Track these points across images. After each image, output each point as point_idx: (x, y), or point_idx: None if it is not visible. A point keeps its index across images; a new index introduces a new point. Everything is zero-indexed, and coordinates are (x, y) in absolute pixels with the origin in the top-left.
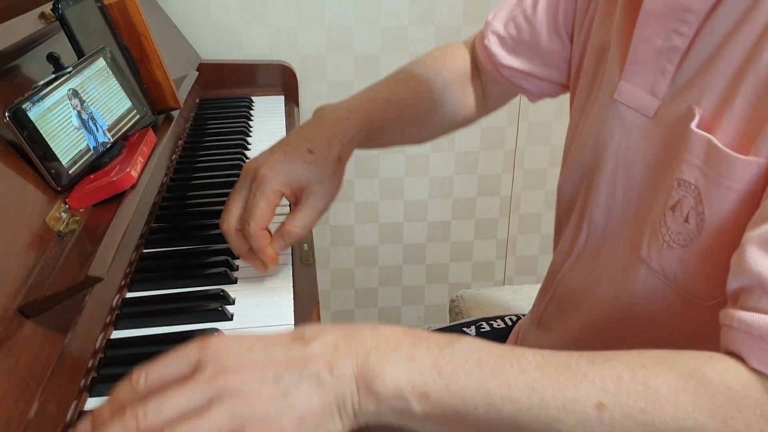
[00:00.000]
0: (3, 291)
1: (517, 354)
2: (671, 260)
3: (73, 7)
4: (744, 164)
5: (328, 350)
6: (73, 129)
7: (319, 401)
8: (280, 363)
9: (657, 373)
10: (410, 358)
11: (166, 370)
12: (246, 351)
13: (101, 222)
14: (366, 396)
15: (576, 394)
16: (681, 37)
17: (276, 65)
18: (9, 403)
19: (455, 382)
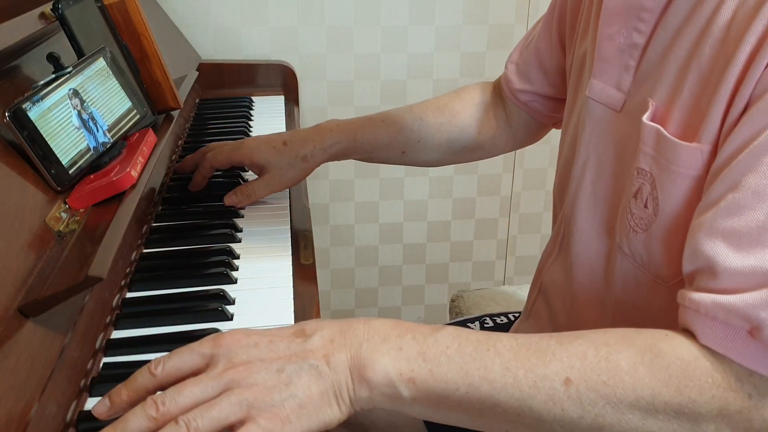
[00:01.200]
0: (3, 291)
1: (493, 339)
2: (637, 244)
3: (73, 7)
4: (689, 151)
5: (326, 344)
6: (74, 129)
7: (317, 389)
8: (283, 356)
9: (618, 349)
10: (398, 347)
11: (182, 361)
12: (253, 347)
13: (101, 222)
14: (359, 384)
15: (546, 371)
16: (640, 34)
17: (276, 65)
18: (9, 403)
19: (438, 367)
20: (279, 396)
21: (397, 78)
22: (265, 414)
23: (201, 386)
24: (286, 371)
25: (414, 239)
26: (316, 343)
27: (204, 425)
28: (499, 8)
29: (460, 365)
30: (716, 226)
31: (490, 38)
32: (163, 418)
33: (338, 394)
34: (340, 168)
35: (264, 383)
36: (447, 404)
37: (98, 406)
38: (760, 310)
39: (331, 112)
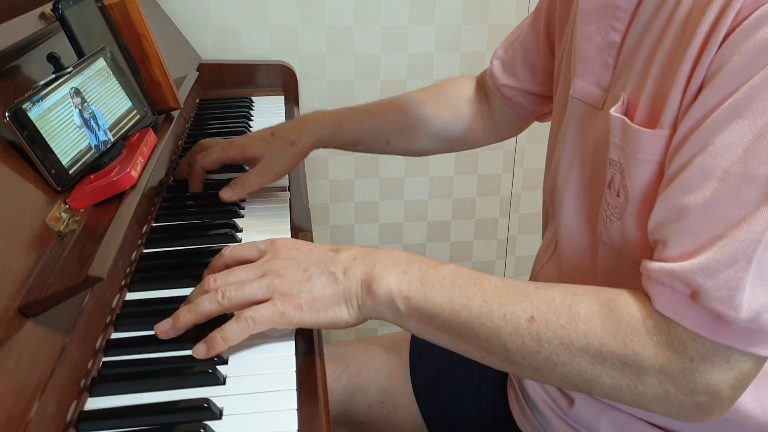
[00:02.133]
0: (3, 291)
1: (484, 278)
2: (614, 232)
3: (73, 8)
4: (651, 137)
5: (349, 259)
6: (75, 128)
7: (330, 291)
8: (313, 261)
9: (582, 299)
10: (404, 271)
11: (243, 250)
12: (295, 250)
13: (101, 222)
14: (367, 294)
15: (516, 308)
16: (616, 32)
17: (276, 65)
18: (9, 403)
19: (431, 291)
20: (298, 288)
21: (397, 78)
22: (282, 299)
23: (246, 270)
24: (309, 271)
25: (414, 239)
26: (342, 258)
27: (235, 296)
28: (499, 8)
29: (449, 292)
30: (670, 203)
31: (490, 38)
32: (211, 290)
33: (348, 299)
34: (340, 168)
35: (290, 276)
36: (434, 324)
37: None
38: (696, 275)
39: None
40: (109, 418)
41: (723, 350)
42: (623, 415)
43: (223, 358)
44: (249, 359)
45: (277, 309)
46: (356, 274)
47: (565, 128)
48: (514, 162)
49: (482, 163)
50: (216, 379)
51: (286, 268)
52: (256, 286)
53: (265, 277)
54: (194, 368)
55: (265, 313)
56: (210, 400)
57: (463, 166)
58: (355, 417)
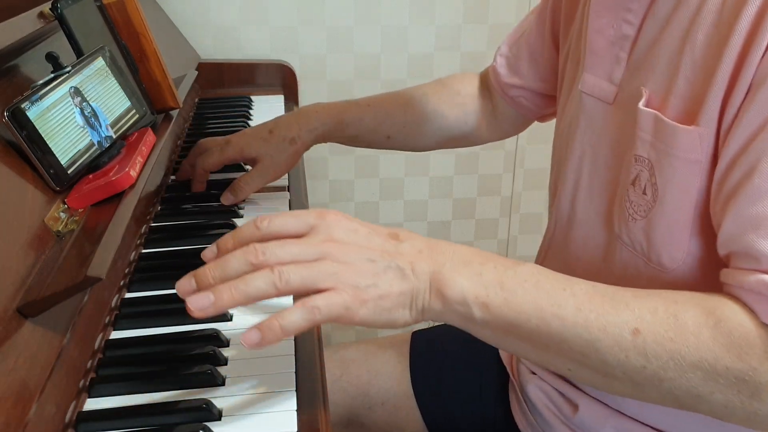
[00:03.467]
0: (2, 291)
1: (572, 282)
2: (636, 232)
3: (72, 7)
4: (686, 133)
5: (414, 252)
6: (76, 126)
7: (398, 288)
8: (377, 249)
9: (686, 308)
10: (478, 273)
11: (286, 222)
12: (353, 232)
13: (100, 222)
14: (435, 296)
15: (616, 319)
16: (629, 25)
17: (276, 65)
18: (8, 404)
19: (513, 297)
20: (365, 281)
21: (397, 78)
22: (349, 290)
23: (300, 247)
24: (376, 263)
25: None
26: (407, 249)
27: (294, 279)
28: (499, 8)
29: (535, 299)
30: (742, 214)
31: (490, 38)
32: (260, 265)
33: (414, 300)
34: (340, 168)
35: (355, 265)
36: (516, 333)
37: (207, 252)
38: None
39: None
40: (108, 418)
41: None
42: (629, 421)
43: (222, 358)
44: (248, 360)
45: (344, 302)
46: (425, 272)
47: (574, 124)
48: (515, 162)
49: (483, 163)
50: (215, 379)
51: (349, 254)
52: (318, 271)
53: (324, 261)
54: (194, 369)
55: (332, 304)
56: (209, 401)
57: (463, 166)
58: (356, 419)
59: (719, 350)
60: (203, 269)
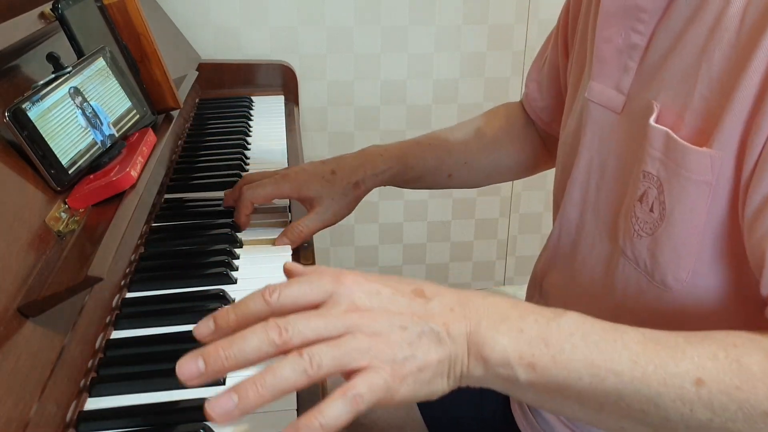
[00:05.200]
0: (3, 291)
1: (620, 330)
2: (641, 249)
3: (72, 7)
4: (699, 155)
5: (446, 311)
6: (77, 126)
7: (436, 356)
8: (406, 313)
9: (748, 351)
10: (519, 329)
11: (301, 292)
12: (375, 294)
13: (101, 222)
14: (475, 360)
15: (677, 369)
16: (639, 35)
17: (276, 65)
18: (9, 403)
19: (561, 354)
20: (402, 353)
21: (398, 78)
22: (386, 367)
23: (325, 321)
24: (409, 330)
25: (414, 239)
26: (437, 308)
27: (327, 364)
28: (499, 8)
29: (585, 354)
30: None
31: (490, 38)
32: (285, 345)
33: (452, 366)
34: None
35: (388, 336)
36: (565, 394)
37: (201, 328)
38: None
39: (331, 111)
40: (108, 418)
41: None
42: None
43: None
44: None
45: (384, 382)
46: (460, 333)
47: (581, 132)
48: None
49: None
50: (215, 379)
51: (378, 323)
52: (349, 349)
53: (355, 336)
54: None
55: (375, 387)
56: None
57: None
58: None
59: None
60: (213, 349)
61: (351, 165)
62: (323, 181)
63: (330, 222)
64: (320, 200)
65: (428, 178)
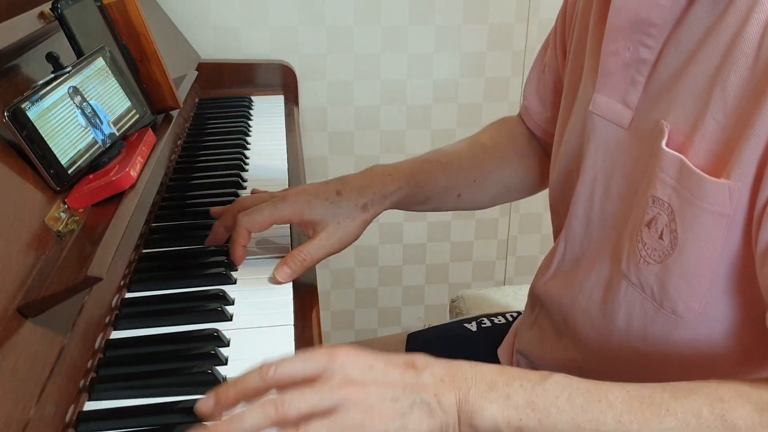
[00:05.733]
0: (2, 291)
1: (604, 389)
2: (648, 275)
3: (72, 7)
4: (716, 186)
5: (436, 382)
6: (77, 126)
7: (427, 426)
8: (398, 384)
9: (734, 406)
10: (506, 395)
11: (295, 369)
12: (368, 368)
13: (100, 222)
14: (467, 428)
15: (660, 427)
16: (648, 50)
17: (276, 65)
18: (8, 404)
19: (547, 417)
20: (393, 425)
21: (397, 78)
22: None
23: (319, 396)
24: (400, 402)
25: (414, 239)
26: (428, 379)
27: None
28: (499, 8)
29: (571, 417)
30: None
31: (490, 38)
32: (281, 419)
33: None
34: (340, 168)
35: (380, 409)
36: None
37: (202, 405)
38: None
39: (331, 111)
40: (108, 418)
41: None
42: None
43: (222, 358)
44: (248, 361)
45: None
46: (451, 403)
47: (585, 145)
48: None
49: None
50: (215, 379)
51: (371, 397)
52: (342, 423)
53: (347, 408)
54: (194, 369)
55: None
56: None
57: None
58: None
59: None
60: (213, 428)
61: (358, 185)
62: (327, 203)
63: (335, 249)
64: (324, 224)
65: (437, 198)
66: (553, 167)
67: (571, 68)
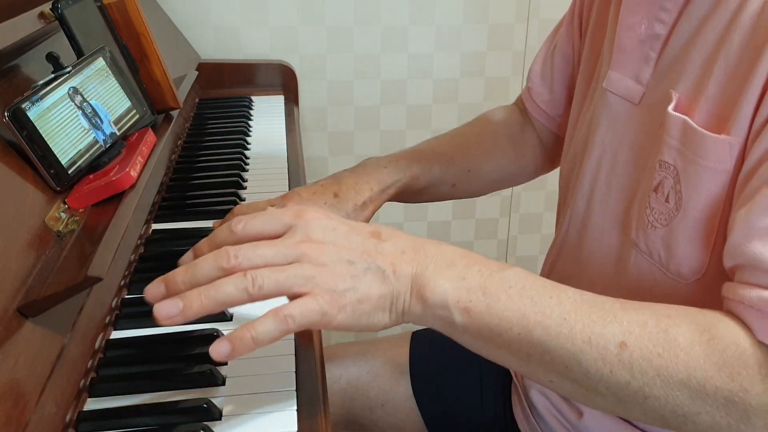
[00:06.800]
0: (2, 291)
1: (558, 289)
2: (656, 240)
3: (72, 7)
4: (716, 142)
5: (397, 253)
6: (77, 126)
7: (378, 291)
8: (356, 249)
9: (678, 322)
10: (461, 276)
11: (263, 224)
12: (331, 230)
13: (101, 222)
14: (416, 299)
15: (603, 330)
16: (662, 25)
17: (276, 65)
18: (8, 403)
19: (496, 303)
20: (343, 284)
21: (397, 78)
22: (325, 296)
23: (274, 250)
24: (355, 265)
25: None
26: (388, 249)
27: (268, 285)
28: (499, 8)
29: (519, 306)
30: (752, 224)
31: (490, 38)
32: (232, 270)
33: (394, 303)
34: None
35: (333, 267)
36: (497, 341)
37: (183, 258)
38: None
39: (331, 111)
40: (108, 418)
41: None
42: (636, 430)
43: None
44: (249, 360)
45: (320, 307)
46: (406, 274)
47: (595, 123)
48: None
49: None
50: (215, 379)
51: (326, 255)
52: (292, 275)
53: (301, 264)
54: (194, 369)
55: (308, 312)
56: (210, 400)
57: None
58: (356, 419)
59: (710, 369)
60: (173, 274)
61: (354, 183)
62: (326, 207)
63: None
64: None
65: (432, 189)
66: (566, 152)
67: (589, 48)
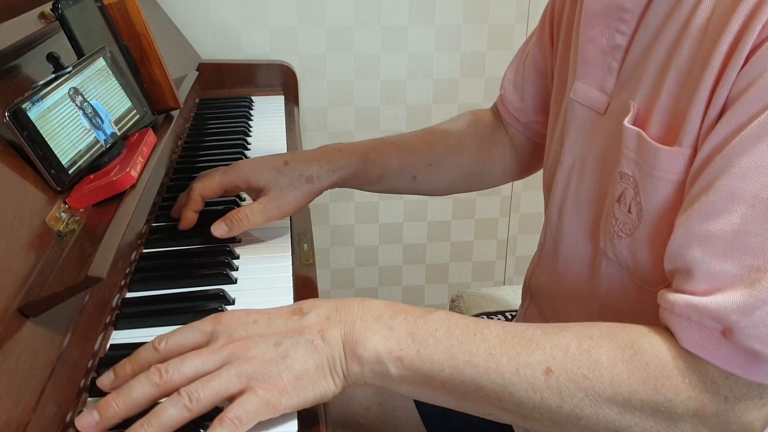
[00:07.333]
0: (3, 291)
1: (481, 325)
2: (622, 249)
3: (72, 7)
4: (670, 154)
5: (322, 320)
6: (78, 126)
7: (313, 362)
8: (281, 332)
9: (600, 343)
10: (389, 327)
11: (184, 338)
12: (252, 324)
13: (101, 222)
14: (351, 359)
15: (528, 360)
16: (622, 35)
17: (276, 65)
18: (9, 403)
19: (425, 348)
20: (276, 368)
21: (397, 78)
22: (263, 385)
23: (202, 358)
24: (283, 345)
25: (414, 239)
26: (312, 320)
27: (205, 396)
28: (499, 8)
29: (447, 348)
30: (692, 229)
31: (490, 38)
32: (165, 385)
33: (332, 368)
34: None
35: (262, 356)
36: (432, 385)
37: (103, 379)
38: (731, 312)
39: (331, 111)
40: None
41: (756, 387)
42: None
43: None
44: None
45: (261, 399)
46: (335, 337)
47: (565, 133)
48: None
49: None
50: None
51: (253, 348)
52: (225, 377)
53: (231, 364)
54: None
55: (251, 408)
56: None
57: None
58: (354, 419)
59: (634, 383)
60: (105, 400)
61: (306, 158)
62: (273, 171)
63: (275, 215)
64: (267, 191)
65: (391, 178)
66: (546, 162)
67: (561, 59)
